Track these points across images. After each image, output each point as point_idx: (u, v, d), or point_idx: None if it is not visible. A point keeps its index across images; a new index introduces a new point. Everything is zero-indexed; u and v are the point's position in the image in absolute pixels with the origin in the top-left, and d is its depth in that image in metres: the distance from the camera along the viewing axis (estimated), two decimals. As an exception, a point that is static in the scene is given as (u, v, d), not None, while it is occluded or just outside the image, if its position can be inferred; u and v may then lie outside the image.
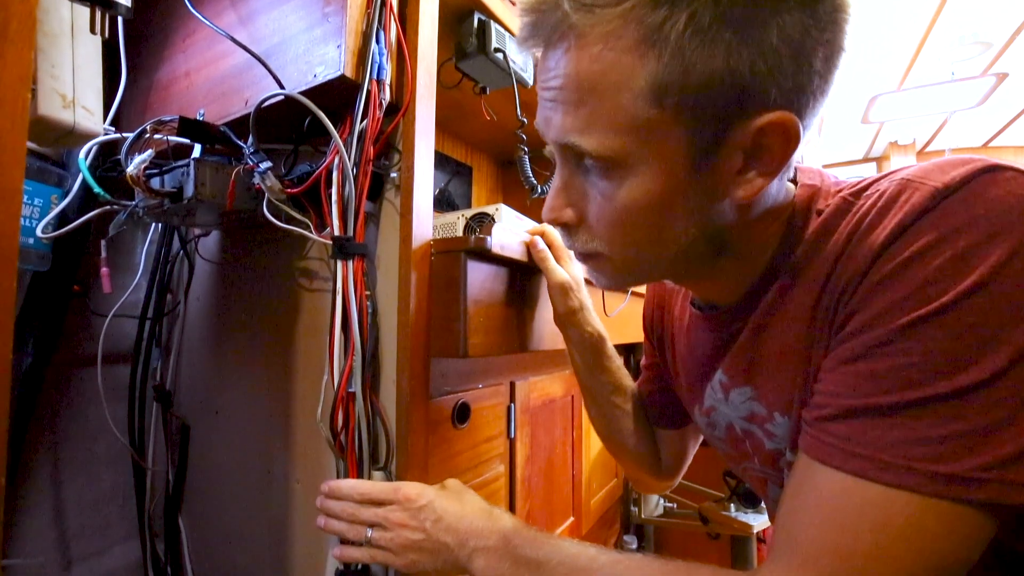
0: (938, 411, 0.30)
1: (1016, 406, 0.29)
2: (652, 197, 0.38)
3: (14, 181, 0.32)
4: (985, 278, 0.30)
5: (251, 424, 0.82)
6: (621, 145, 0.36)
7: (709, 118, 0.35)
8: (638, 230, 0.40)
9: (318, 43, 0.62)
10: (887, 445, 0.31)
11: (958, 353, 0.30)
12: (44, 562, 0.83)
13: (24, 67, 0.32)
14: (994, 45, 2.23)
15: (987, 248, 0.30)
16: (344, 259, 0.61)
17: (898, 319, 0.31)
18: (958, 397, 0.30)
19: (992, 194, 0.31)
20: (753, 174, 0.37)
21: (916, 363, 0.31)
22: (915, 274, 0.31)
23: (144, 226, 0.93)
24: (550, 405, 1.03)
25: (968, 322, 0.30)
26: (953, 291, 0.30)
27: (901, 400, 0.31)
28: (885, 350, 0.32)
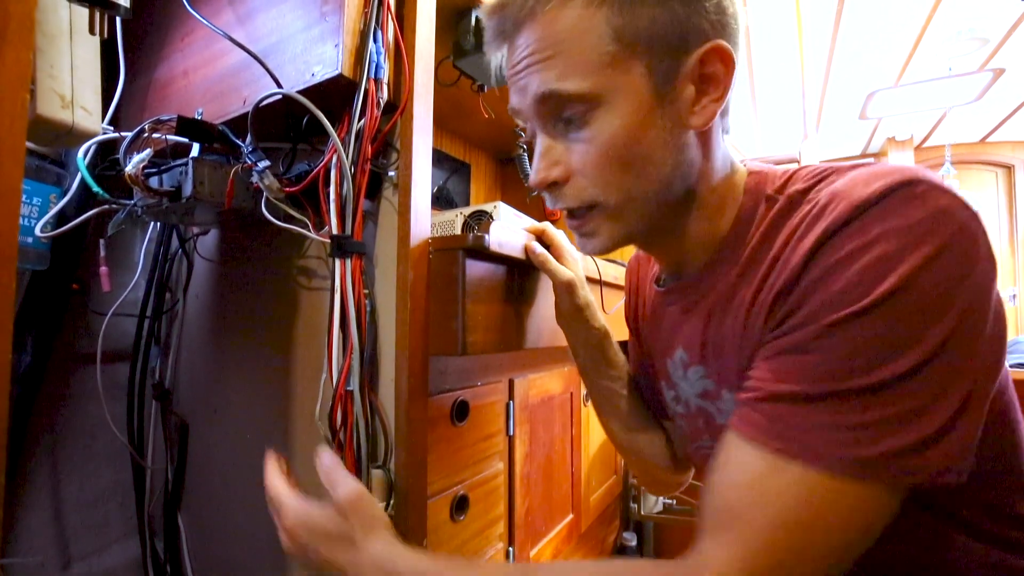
0: (855, 402, 0.34)
1: (925, 401, 0.33)
2: (629, 126, 0.43)
3: (13, 180, 0.32)
4: (899, 284, 0.33)
5: (250, 422, 0.82)
6: (595, 82, 0.42)
7: (661, 52, 0.42)
8: (623, 163, 0.44)
9: (316, 42, 0.62)
10: (809, 429, 0.35)
11: (876, 350, 0.34)
12: (43, 560, 0.83)
13: (23, 67, 0.32)
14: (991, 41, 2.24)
15: (900, 256, 0.34)
16: (342, 257, 0.61)
17: (825, 318, 0.35)
18: (873, 391, 0.33)
19: (906, 207, 0.35)
20: (706, 100, 0.44)
21: (839, 358, 0.34)
22: (839, 278, 0.35)
23: (143, 225, 0.93)
24: (549, 402, 1.04)
25: (885, 322, 0.33)
26: (872, 294, 0.34)
27: (824, 390, 0.34)
28: (813, 345, 0.35)
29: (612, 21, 0.41)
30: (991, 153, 3.53)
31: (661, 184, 0.45)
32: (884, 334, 0.33)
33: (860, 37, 2.26)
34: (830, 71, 2.53)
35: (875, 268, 0.34)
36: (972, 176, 3.56)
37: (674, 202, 0.47)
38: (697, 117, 0.44)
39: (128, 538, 0.93)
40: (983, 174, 3.59)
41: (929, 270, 0.33)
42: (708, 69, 0.43)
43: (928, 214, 0.34)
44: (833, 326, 0.34)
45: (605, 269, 0.96)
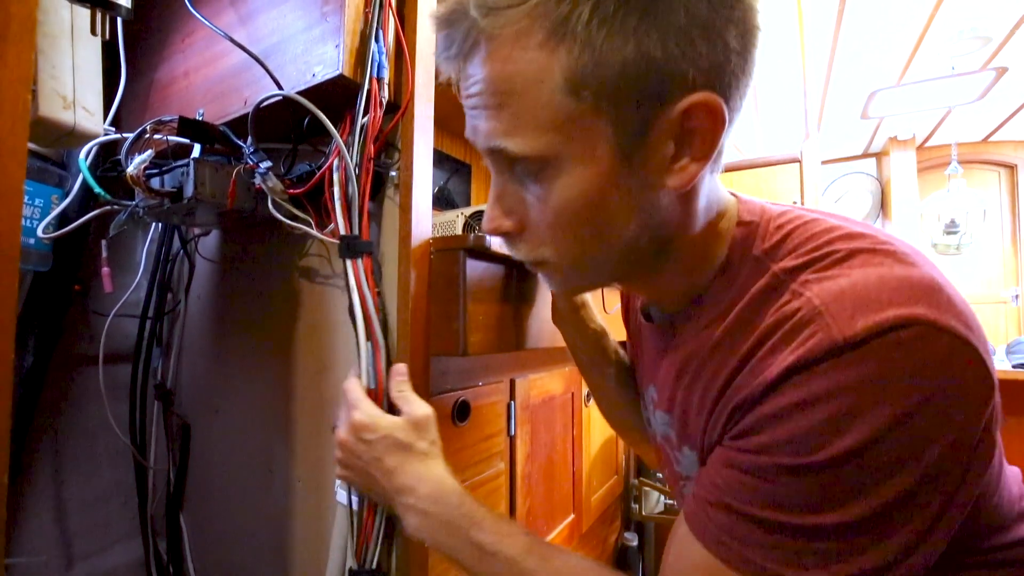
0: (796, 536, 0.33)
1: (866, 544, 0.32)
2: (587, 193, 0.37)
3: (15, 181, 0.32)
4: (860, 444, 0.31)
5: (252, 422, 0.82)
6: (547, 143, 0.36)
7: (630, 105, 0.35)
8: (580, 230, 0.39)
9: (317, 42, 0.62)
10: (751, 545, 0.34)
11: (822, 501, 0.33)
12: (46, 560, 0.84)
13: (24, 68, 0.32)
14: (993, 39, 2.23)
15: (870, 413, 0.31)
16: (353, 257, 0.61)
17: (780, 458, 0.34)
18: (812, 532, 0.33)
19: (888, 356, 0.31)
20: (686, 160, 0.37)
21: (788, 496, 0.34)
22: (800, 420, 0.33)
23: (144, 226, 0.93)
24: (550, 402, 1.04)
25: (837, 479, 0.32)
26: (829, 449, 0.32)
27: (770, 517, 0.34)
28: (766, 477, 0.34)
29: (571, 68, 0.34)
30: (994, 152, 3.51)
31: (624, 246, 0.41)
32: (832, 489, 0.32)
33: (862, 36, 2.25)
34: (832, 70, 2.53)
35: (837, 422, 0.31)
36: (975, 175, 3.54)
37: (642, 257, 0.43)
38: (675, 178, 0.37)
39: (130, 538, 0.93)
40: (986, 173, 3.58)
41: (895, 430, 0.31)
42: (692, 124, 0.36)
43: (912, 368, 0.31)
44: (787, 470, 0.33)
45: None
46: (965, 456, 0.33)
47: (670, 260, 0.43)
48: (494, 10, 0.35)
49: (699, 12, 0.33)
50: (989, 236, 3.50)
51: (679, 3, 0.33)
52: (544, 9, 0.34)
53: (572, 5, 0.33)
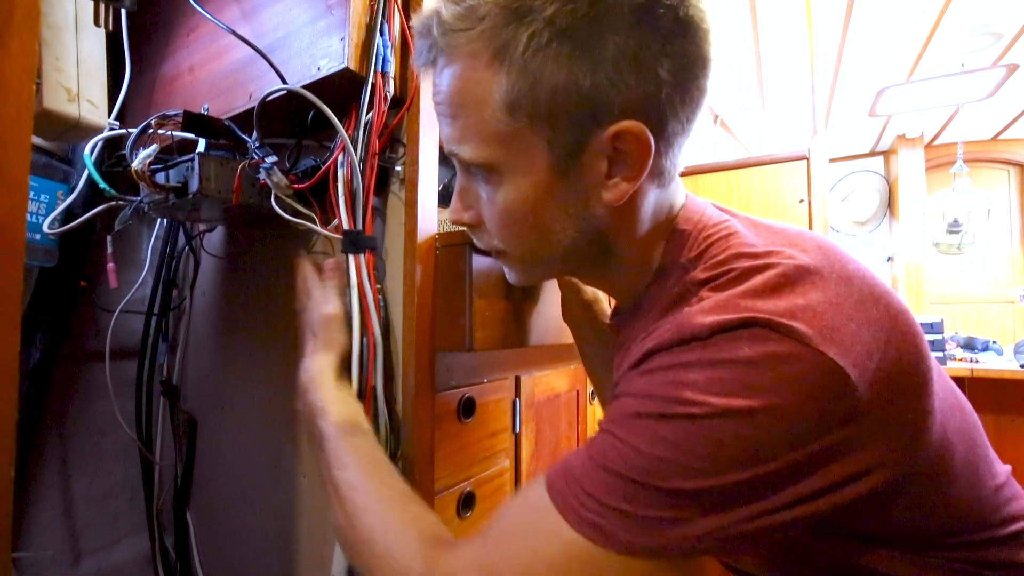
0: (639, 494, 0.34)
1: (701, 521, 0.33)
2: (524, 200, 0.42)
3: (19, 173, 0.32)
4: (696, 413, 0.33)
5: (258, 418, 0.82)
6: (490, 154, 0.40)
7: (563, 127, 0.38)
8: (521, 229, 0.44)
9: (322, 36, 0.62)
10: (589, 494, 0.35)
11: (672, 462, 0.33)
12: (54, 555, 0.84)
13: (29, 58, 0.32)
14: (1005, 36, 2.20)
15: (697, 396, 0.33)
16: (355, 253, 0.61)
17: (622, 411, 0.37)
18: (658, 491, 0.34)
19: (724, 348, 0.34)
20: (618, 179, 0.40)
21: (640, 451, 0.35)
22: (647, 380, 0.36)
23: (149, 222, 0.93)
24: (555, 400, 1.03)
25: (664, 437, 0.34)
26: (672, 407, 0.34)
27: (621, 471, 0.35)
28: (613, 429, 0.37)
29: (510, 91, 0.38)
30: (1003, 151, 3.48)
31: (564, 248, 0.45)
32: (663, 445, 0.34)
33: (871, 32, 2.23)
34: (840, 67, 2.50)
35: (677, 389, 0.34)
36: (983, 174, 3.51)
37: (584, 259, 0.47)
38: (608, 192, 0.41)
39: (137, 534, 0.93)
40: (995, 172, 3.54)
41: (718, 419, 0.33)
42: (621, 146, 0.39)
43: (746, 361, 0.33)
44: (632, 416, 0.36)
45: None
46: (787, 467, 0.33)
47: (615, 262, 0.47)
48: (451, 31, 0.39)
49: (628, 47, 0.36)
50: (997, 235, 3.47)
51: (610, 38, 0.36)
52: (491, 34, 0.37)
53: (513, 33, 0.36)
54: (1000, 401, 1.86)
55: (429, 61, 0.42)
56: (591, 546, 0.34)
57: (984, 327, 3.39)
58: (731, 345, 0.34)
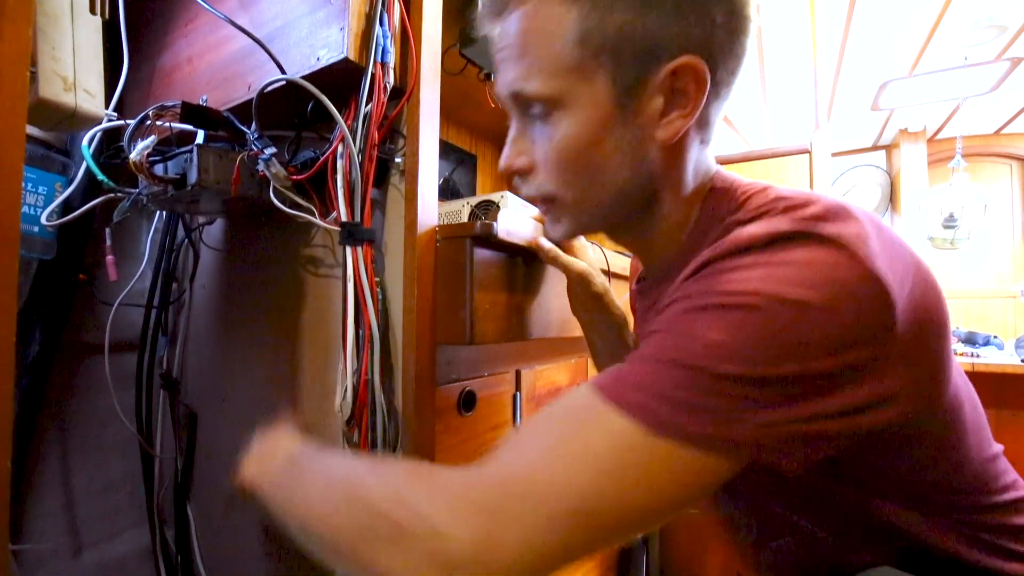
0: (693, 380, 0.34)
1: (748, 414, 0.33)
2: (583, 134, 0.43)
3: (14, 161, 0.31)
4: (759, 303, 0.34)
5: (258, 411, 0.82)
6: (557, 86, 0.42)
7: (627, 62, 0.41)
8: (576, 167, 0.45)
9: (321, 26, 0.61)
10: (640, 385, 0.35)
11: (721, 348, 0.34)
12: (55, 547, 0.84)
13: (22, 44, 0.31)
14: (1009, 28, 2.18)
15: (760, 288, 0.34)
16: (353, 245, 0.61)
17: (685, 305, 0.36)
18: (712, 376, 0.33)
19: (780, 253, 0.35)
20: (674, 115, 0.42)
21: (694, 337, 0.35)
22: (707, 281, 0.36)
23: (148, 214, 0.92)
24: (556, 393, 1.03)
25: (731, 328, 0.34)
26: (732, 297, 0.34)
27: (665, 357, 0.35)
28: (674, 328, 0.36)
29: (582, 25, 0.40)
30: (1006, 145, 3.46)
31: (616, 191, 0.46)
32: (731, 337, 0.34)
33: (874, 25, 2.22)
34: (842, 60, 2.49)
35: (738, 283, 0.35)
36: (986, 169, 3.50)
37: (632, 208, 0.47)
38: (663, 131, 0.42)
39: (138, 526, 0.94)
40: (997, 166, 3.53)
41: (774, 309, 0.33)
42: (679, 84, 0.41)
43: (800, 263, 0.34)
44: (693, 309, 0.36)
45: (614, 260, 0.95)
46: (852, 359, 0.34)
47: (657, 216, 0.48)
48: None
49: None
50: (999, 230, 3.46)
51: None
52: None
53: None
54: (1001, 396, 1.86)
55: (500, 12, 0.44)
56: (641, 432, 0.33)
57: (985, 322, 3.38)
58: (787, 251, 0.35)
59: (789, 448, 0.34)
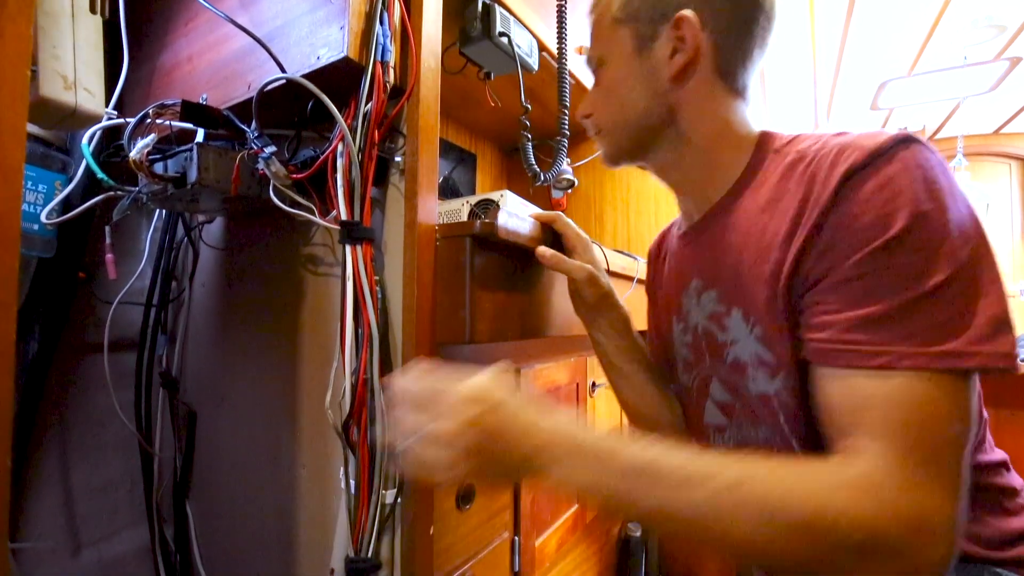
0: (921, 308, 0.40)
1: (969, 300, 0.40)
2: (617, 76, 0.58)
3: (15, 160, 0.31)
4: (913, 216, 0.41)
5: (257, 410, 0.82)
6: (602, 49, 0.59)
7: (644, 22, 0.55)
8: (610, 100, 0.60)
9: (321, 24, 0.61)
10: (892, 342, 0.40)
11: (916, 265, 0.40)
12: (53, 545, 0.84)
13: (24, 44, 0.32)
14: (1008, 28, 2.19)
15: (904, 197, 0.41)
16: (352, 243, 0.61)
17: (868, 245, 0.41)
18: (929, 296, 0.40)
19: (908, 155, 0.42)
20: (678, 57, 0.54)
21: (896, 277, 0.41)
22: (864, 215, 0.42)
23: (148, 212, 0.92)
24: (555, 392, 1.03)
25: (915, 242, 0.40)
26: (898, 224, 0.41)
27: (892, 305, 0.40)
28: (865, 270, 0.42)
29: (616, 4, 0.57)
30: (1005, 144, 3.47)
31: (638, 115, 0.58)
32: (917, 252, 0.40)
33: (873, 25, 2.22)
34: (842, 59, 2.49)
35: (896, 202, 0.41)
36: (985, 168, 3.50)
37: (655, 133, 0.59)
38: (669, 68, 0.55)
39: (137, 525, 0.94)
40: (996, 166, 3.53)
41: (936, 202, 0.41)
42: (679, 33, 0.54)
43: (929, 162, 0.42)
44: (878, 251, 0.41)
45: (613, 260, 0.95)
46: (984, 236, 0.42)
47: (686, 144, 0.58)
48: None
49: None
50: (998, 229, 3.46)
51: None
52: None
53: None
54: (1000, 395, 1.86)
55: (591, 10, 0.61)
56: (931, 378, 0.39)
57: (983, 322, 3.38)
58: (914, 154, 0.42)
59: (998, 334, 0.40)
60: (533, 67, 0.98)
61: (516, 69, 0.93)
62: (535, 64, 0.98)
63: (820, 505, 0.37)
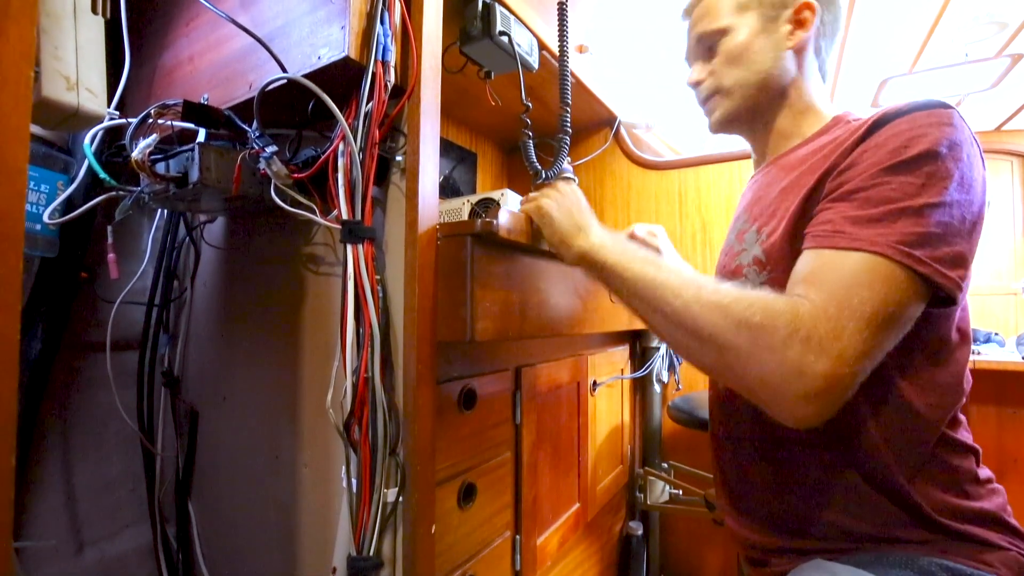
0: (906, 217, 0.49)
1: (946, 231, 0.49)
2: (743, 42, 0.69)
3: (18, 160, 0.31)
4: (928, 152, 0.50)
5: (259, 409, 0.82)
6: (725, 21, 0.70)
7: (768, 6, 0.68)
8: (737, 60, 0.69)
9: (322, 24, 0.61)
10: (875, 235, 0.49)
11: (915, 185, 0.49)
12: (56, 544, 0.84)
13: (26, 44, 0.32)
14: (1010, 25, 2.18)
15: (927, 138, 0.50)
16: (354, 243, 0.61)
17: (880, 166, 0.51)
18: (915, 211, 0.49)
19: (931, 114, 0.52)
20: (798, 31, 0.67)
21: (893, 190, 0.50)
22: (888, 143, 0.52)
23: (150, 212, 0.93)
24: (556, 391, 1.03)
25: (920, 170, 0.50)
26: (911, 152, 0.50)
27: (883, 211, 0.50)
28: (871, 183, 0.51)
29: None
30: (1006, 141, 3.45)
31: (763, 76, 0.68)
32: (920, 176, 0.49)
33: (874, 22, 2.21)
34: (842, 57, 2.49)
35: (918, 139, 0.50)
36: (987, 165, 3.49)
37: (771, 93, 0.69)
38: (790, 41, 0.67)
39: (140, 524, 0.94)
40: (998, 163, 3.52)
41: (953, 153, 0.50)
42: (800, 16, 0.67)
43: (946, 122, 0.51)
44: (886, 170, 0.51)
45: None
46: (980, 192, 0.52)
47: (785, 103, 0.70)
48: None
49: None
50: (999, 227, 3.46)
51: None
52: None
53: None
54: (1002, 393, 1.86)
55: None
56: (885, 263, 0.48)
57: (986, 319, 3.38)
58: (951, 115, 0.51)
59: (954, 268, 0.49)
60: (533, 66, 0.98)
61: (516, 68, 0.93)
62: (535, 63, 0.98)
63: (764, 307, 0.49)
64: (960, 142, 0.50)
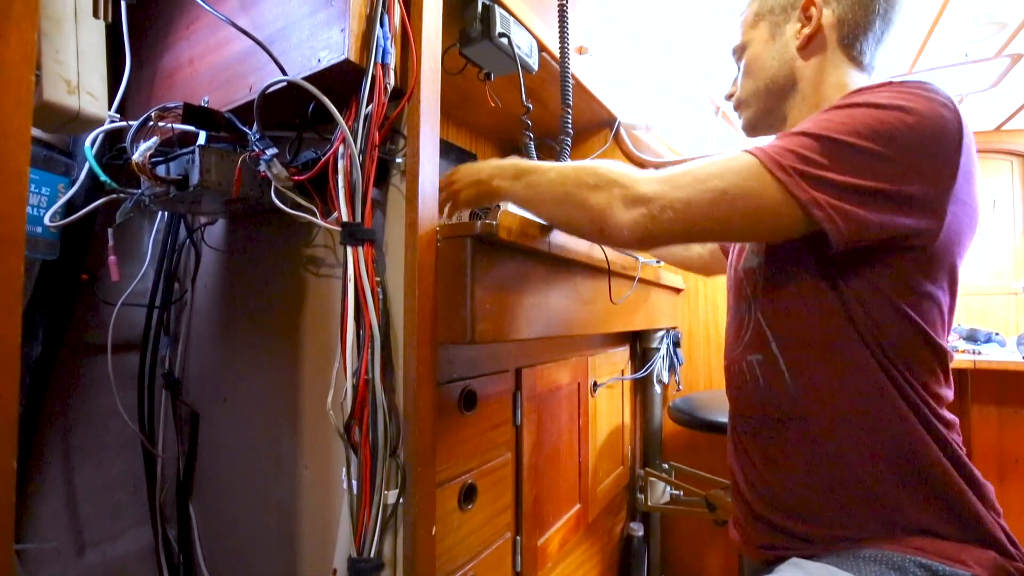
0: (837, 151, 0.53)
1: (862, 173, 0.52)
2: (754, 56, 0.74)
3: (19, 163, 0.32)
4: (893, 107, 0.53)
5: (260, 411, 0.82)
6: (745, 37, 0.76)
7: (776, 14, 0.72)
8: (749, 76, 0.75)
9: (322, 27, 0.61)
10: (765, 146, 0.56)
11: (866, 125, 0.52)
12: (57, 546, 0.84)
13: (28, 48, 0.32)
14: (1009, 25, 2.18)
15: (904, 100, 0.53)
16: (354, 245, 0.61)
17: (850, 108, 0.55)
18: (847, 147, 0.52)
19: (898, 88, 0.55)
20: (804, 30, 0.70)
21: (839, 123, 0.54)
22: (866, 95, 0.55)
23: (150, 215, 0.93)
24: (556, 392, 1.03)
25: (877, 118, 0.52)
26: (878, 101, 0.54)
27: (790, 135, 0.56)
28: (834, 117, 0.55)
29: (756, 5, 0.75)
30: (1006, 141, 3.45)
31: (768, 79, 0.73)
32: (875, 122, 0.52)
33: (873, 23, 2.21)
34: (842, 58, 2.49)
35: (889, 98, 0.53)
36: (987, 165, 3.48)
37: (780, 93, 0.73)
38: (797, 39, 0.70)
39: (141, 525, 0.94)
40: (998, 163, 3.51)
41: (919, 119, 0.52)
42: (806, 15, 0.70)
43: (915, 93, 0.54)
44: (850, 107, 0.55)
45: (614, 259, 0.95)
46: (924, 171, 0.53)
47: (797, 96, 0.72)
48: None
49: None
50: (1000, 227, 3.45)
51: None
52: None
53: None
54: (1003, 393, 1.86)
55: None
56: (752, 161, 0.54)
57: (987, 319, 3.37)
58: (899, 86, 0.55)
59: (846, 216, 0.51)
60: (533, 67, 0.98)
61: (516, 69, 0.94)
62: (535, 64, 0.98)
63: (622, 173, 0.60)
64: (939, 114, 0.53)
